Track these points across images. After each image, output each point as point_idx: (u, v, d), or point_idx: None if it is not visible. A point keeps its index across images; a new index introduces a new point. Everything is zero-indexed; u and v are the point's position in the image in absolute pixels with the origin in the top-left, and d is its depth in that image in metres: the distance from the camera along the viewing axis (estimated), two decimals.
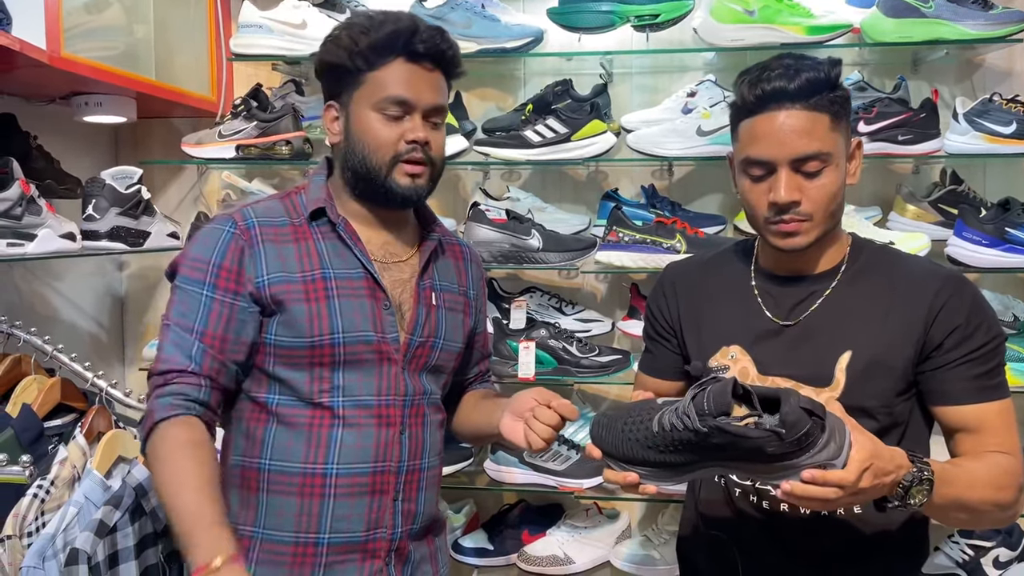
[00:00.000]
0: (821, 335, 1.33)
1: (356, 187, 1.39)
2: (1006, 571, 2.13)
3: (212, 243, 1.33)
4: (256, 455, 1.36)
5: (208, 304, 1.31)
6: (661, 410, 1.12)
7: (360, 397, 1.36)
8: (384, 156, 1.34)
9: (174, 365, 1.30)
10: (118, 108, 2.13)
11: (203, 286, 1.32)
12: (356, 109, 1.36)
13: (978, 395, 1.29)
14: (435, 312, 1.45)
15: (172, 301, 1.34)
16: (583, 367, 2.18)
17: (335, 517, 1.34)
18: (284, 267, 1.34)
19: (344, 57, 1.34)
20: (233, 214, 1.37)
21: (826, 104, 1.27)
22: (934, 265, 1.41)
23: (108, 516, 1.53)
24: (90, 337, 2.43)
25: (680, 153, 2.16)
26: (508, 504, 2.43)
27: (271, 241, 1.35)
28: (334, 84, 1.39)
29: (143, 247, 2.11)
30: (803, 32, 2.08)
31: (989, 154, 2.07)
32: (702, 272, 1.50)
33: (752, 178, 1.32)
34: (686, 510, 1.56)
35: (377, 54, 1.33)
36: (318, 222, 1.38)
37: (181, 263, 1.35)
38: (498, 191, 2.41)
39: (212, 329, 1.31)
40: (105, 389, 1.80)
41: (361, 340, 1.35)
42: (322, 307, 1.33)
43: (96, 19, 1.96)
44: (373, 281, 1.37)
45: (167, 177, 2.53)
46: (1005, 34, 2.04)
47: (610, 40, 2.27)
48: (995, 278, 2.20)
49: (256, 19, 2.24)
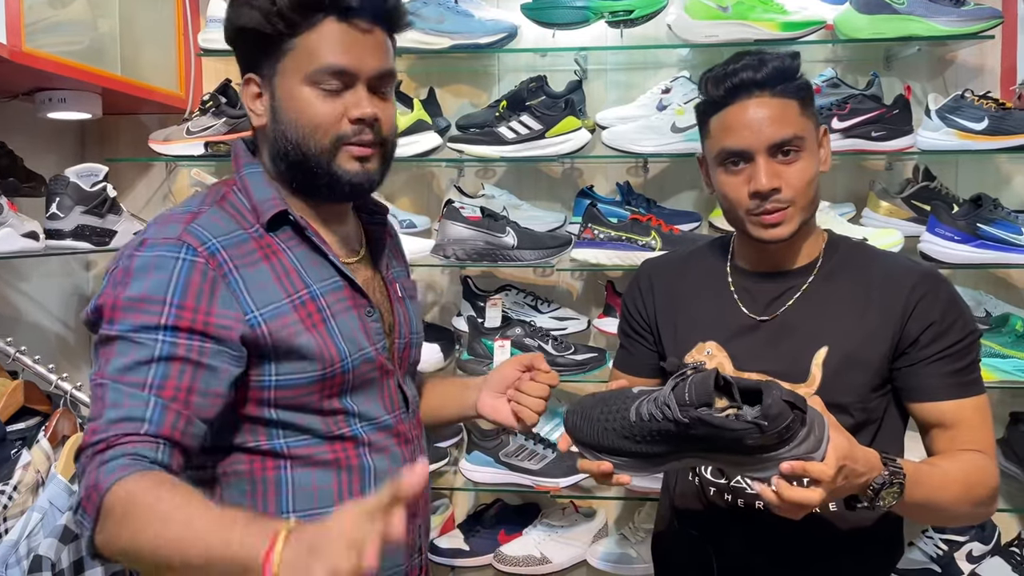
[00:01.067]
0: (797, 331, 1.33)
1: (293, 179, 1.15)
2: (979, 565, 2.15)
3: (164, 277, 1.04)
4: (272, 509, 1.12)
5: (166, 351, 1.02)
6: (638, 399, 1.10)
7: (377, 419, 1.19)
8: (323, 139, 1.11)
9: (119, 430, 0.98)
10: (83, 104, 2.09)
11: (157, 331, 1.02)
12: (283, 83, 1.11)
13: (954, 391, 1.29)
14: (403, 305, 1.29)
15: (107, 354, 1.03)
16: (558, 365, 2.17)
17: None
18: (270, 295, 1.09)
19: (259, 19, 1.09)
20: (182, 235, 1.07)
21: (793, 91, 1.29)
22: (910, 262, 1.42)
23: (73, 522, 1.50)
24: (56, 338, 2.39)
25: (655, 150, 2.16)
26: (484, 504, 2.42)
27: (244, 265, 1.09)
28: (251, 53, 1.14)
29: (109, 246, 2.07)
30: (777, 28, 2.08)
31: (961, 150, 2.08)
32: (678, 269, 1.49)
33: (729, 171, 1.31)
34: (661, 508, 1.55)
35: (301, 14, 1.09)
36: (276, 229, 1.14)
37: (117, 306, 1.04)
38: (473, 188, 2.39)
39: (175, 380, 1.02)
40: (70, 391, 1.76)
41: (364, 359, 1.16)
42: (323, 333, 1.12)
43: (59, 13, 1.92)
44: (352, 287, 1.18)
45: (134, 175, 2.49)
46: (977, 30, 2.06)
47: (585, 36, 2.26)
48: (967, 274, 2.21)
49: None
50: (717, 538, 1.38)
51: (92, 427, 1.01)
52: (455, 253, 2.17)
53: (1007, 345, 2.03)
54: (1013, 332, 2.04)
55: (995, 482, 1.28)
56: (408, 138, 2.16)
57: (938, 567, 2.11)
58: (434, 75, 2.39)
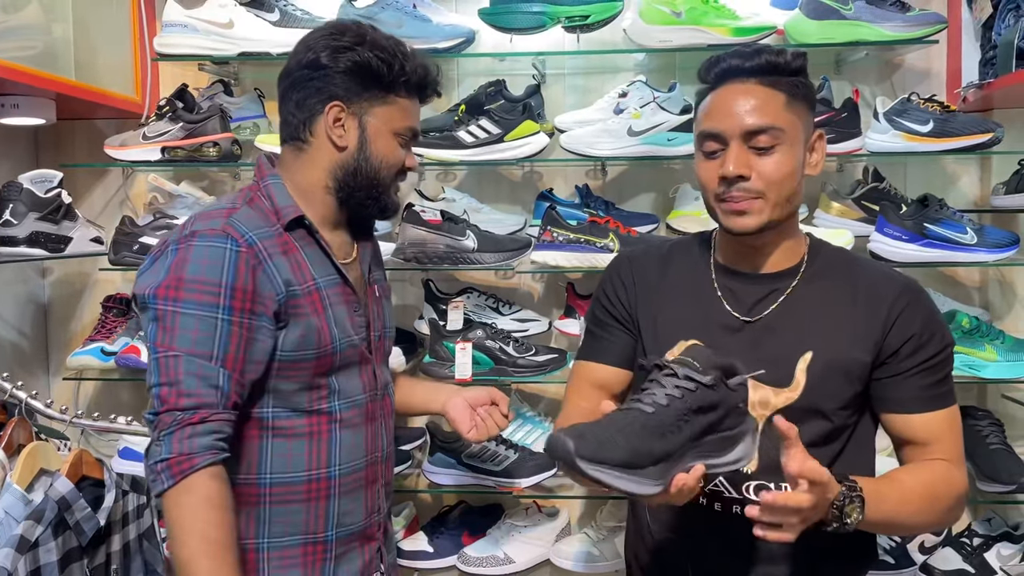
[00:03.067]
0: (782, 334, 1.32)
1: (351, 193, 1.42)
2: (931, 556, 2.21)
3: (217, 263, 1.27)
4: (253, 473, 1.35)
5: (226, 328, 1.26)
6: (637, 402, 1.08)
7: (353, 397, 1.42)
8: (391, 176, 1.44)
9: (204, 399, 1.24)
10: (36, 109, 2.06)
11: (217, 309, 1.26)
12: (376, 125, 1.40)
13: (928, 404, 1.31)
14: (381, 303, 1.54)
15: (171, 328, 1.25)
16: (520, 367, 2.19)
17: (341, 513, 1.41)
18: (289, 281, 1.33)
19: (385, 72, 1.37)
20: (226, 228, 1.30)
21: (783, 85, 1.29)
22: (891, 271, 1.41)
23: (29, 531, 1.49)
24: (11, 346, 2.35)
25: (612, 153, 2.19)
26: (448, 506, 2.43)
27: (274, 255, 1.33)
28: (344, 87, 1.38)
29: (64, 253, 2.05)
30: (729, 33, 2.12)
31: (908, 152, 2.13)
32: (660, 264, 1.47)
33: (706, 154, 1.32)
34: (632, 515, 1.54)
35: (413, 88, 1.42)
36: (292, 230, 1.38)
37: (180, 286, 1.26)
38: (433, 192, 2.40)
39: (233, 353, 1.27)
40: (24, 400, 1.74)
41: (349, 345, 1.40)
42: (322, 319, 1.36)
43: (12, 18, 1.90)
44: (346, 286, 1.43)
45: (91, 180, 2.46)
46: (922, 35, 2.11)
47: (542, 41, 2.28)
48: (915, 272, 2.21)
49: (181, 18, 2.19)
50: (693, 542, 1.38)
51: (175, 391, 1.23)
52: (416, 256, 2.18)
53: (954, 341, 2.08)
54: (960, 328, 2.09)
55: (960, 490, 1.30)
56: None
57: (891, 558, 2.16)
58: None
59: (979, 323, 2.12)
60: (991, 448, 2.15)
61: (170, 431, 1.22)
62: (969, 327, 2.10)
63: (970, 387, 2.31)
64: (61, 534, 1.55)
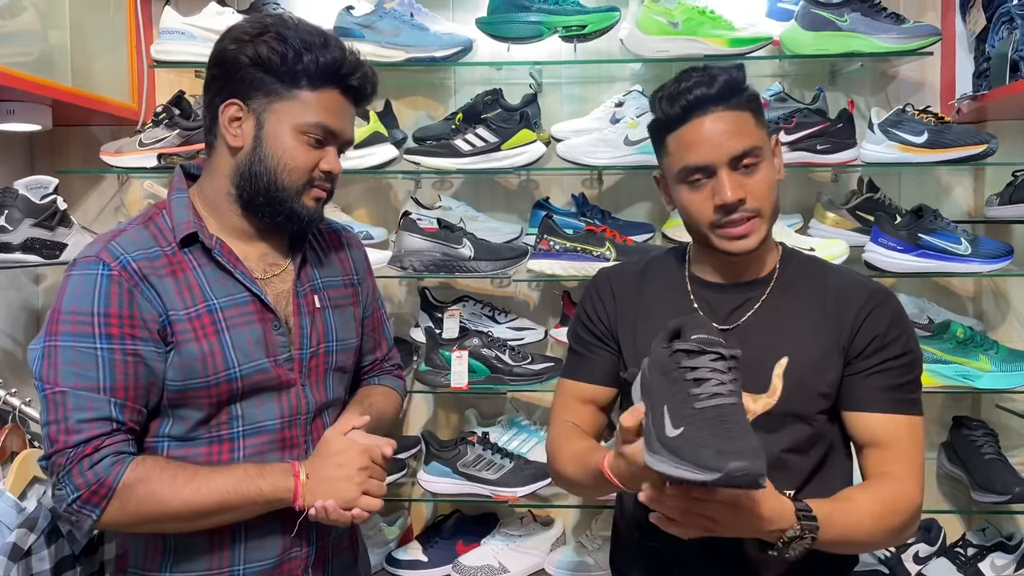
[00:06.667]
0: (758, 341, 1.33)
1: (251, 200, 1.29)
2: (926, 566, 2.21)
3: (89, 291, 1.20)
4: None
5: (107, 356, 1.19)
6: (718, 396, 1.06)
7: (263, 423, 1.30)
8: (297, 181, 1.29)
9: (95, 431, 1.17)
10: (32, 116, 2.06)
11: (94, 339, 1.18)
12: (274, 122, 1.27)
13: (890, 405, 1.32)
14: (320, 315, 1.38)
15: (54, 363, 1.18)
16: (516, 375, 2.18)
17: (248, 548, 1.29)
18: (171, 304, 1.23)
19: (276, 63, 1.24)
20: (99, 253, 1.22)
21: (745, 103, 1.32)
22: (861, 277, 1.44)
23: (22, 539, 1.47)
24: (4, 353, 2.34)
25: (608, 162, 2.19)
26: (442, 515, 2.42)
27: (153, 277, 1.23)
28: (243, 83, 1.26)
29: (59, 259, 2.04)
30: (725, 44, 2.13)
31: (902, 163, 2.14)
32: (637, 280, 1.49)
33: (692, 187, 1.33)
34: (617, 520, 1.54)
35: (316, 77, 1.26)
36: (190, 247, 1.28)
37: (55, 319, 1.20)
38: (430, 200, 2.40)
39: (122, 381, 1.19)
40: (19, 407, 1.73)
41: (258, 370, 1.28)
42: (213, 344, 1.25)
43: (8, 24, 1.90)
44: (260, 303, 1.30)
45: (86, 187, 2.45)
46: (917, 47, 2.13)
47: (539, 50, 2.29)
48: (910, 282, 2.28)
49: (178, 25, 2.19)
50: (680, 551, 1.35)
51: (62, 428, 1.17)
52: (412, 264, 2.18)
53: (948, 351, 2.09)
54: (954, 338, 2.10)
55: (913, 507, 1.30)
56: (364, 150, 2.17)
57: (886, 568, 2.16)
58: (390, 88, 2.40)
59: (973, 333, 2.13)
60: (985, 458, 2.15)
61: (67, 470, 1.17)
62: (963, 337, 2.11)
63: (964, 397, 2.32)
64: (54, 542, 1.54)
